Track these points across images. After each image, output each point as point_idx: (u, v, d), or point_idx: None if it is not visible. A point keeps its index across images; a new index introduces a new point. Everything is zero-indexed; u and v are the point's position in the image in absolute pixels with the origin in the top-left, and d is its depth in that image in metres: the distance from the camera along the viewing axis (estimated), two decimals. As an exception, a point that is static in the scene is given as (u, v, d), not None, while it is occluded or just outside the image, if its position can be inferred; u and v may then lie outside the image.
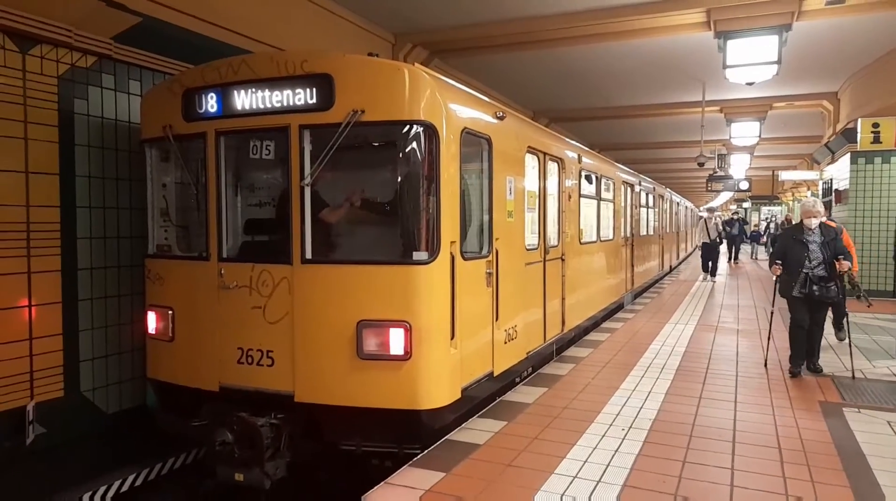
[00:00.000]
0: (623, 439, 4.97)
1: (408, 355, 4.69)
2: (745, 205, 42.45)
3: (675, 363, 7.55)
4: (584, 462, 4.51)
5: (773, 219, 35.02)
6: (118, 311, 6.46)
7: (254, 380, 5.05)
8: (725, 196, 37.40)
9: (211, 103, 5.21)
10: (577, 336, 9.01)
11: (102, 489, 5.64)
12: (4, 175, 5.44)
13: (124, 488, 5.81)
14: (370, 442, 4.84)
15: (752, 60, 10.04)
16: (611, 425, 5.30)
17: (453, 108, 5.06)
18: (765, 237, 30.59)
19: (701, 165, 18.07)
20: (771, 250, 8.05)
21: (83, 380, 6.14)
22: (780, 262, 7.00)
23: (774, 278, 7.24)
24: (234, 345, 5.12)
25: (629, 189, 13.03)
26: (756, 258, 27.25)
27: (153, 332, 5.63)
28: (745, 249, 29.26)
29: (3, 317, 5.44)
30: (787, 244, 7.02)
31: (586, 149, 10.49)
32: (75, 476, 5.65)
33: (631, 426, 5.26)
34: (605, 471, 4.34)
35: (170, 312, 5.48)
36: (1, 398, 5.42)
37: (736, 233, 23.87)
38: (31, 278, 5.67)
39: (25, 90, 5.58)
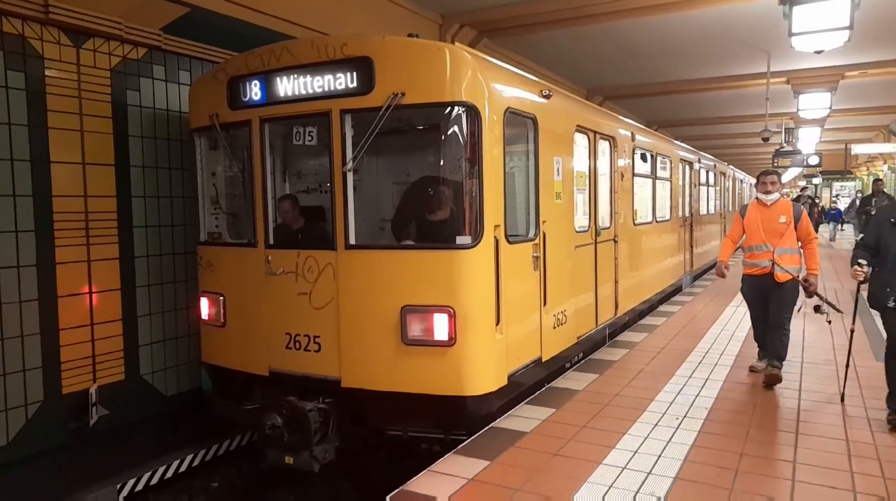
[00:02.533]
0: (677, 429, 4.78)
1: (452, 340, 4.62)
2: (816, 181, 40.27)
3: (736, 349, 7.22)
4: (635, 452, 4.35)
5: (860, 193, 30.64)
6: (174, 297, 6.65)
7: (302, 365, 5.10)
8: (794, 172, 35.57)
9: (254, 91, 5.23)
10: (632, 320, 8.75)
11: (162, 468, 5.86)
12: (63, 167, 5.64)
13: (182, 468, 6.03)
14: (416, 428, 4.83)
15: (820, 27, 9.33)
16: (664, 414, 5.11)
17: (496, 87, 4.91)
18: (846, 216, 27.46)
19: (766, 139, 17.17)
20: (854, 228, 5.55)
21: (142, 364, 6.35)
22: (863, 262, 4.86)
23: (858, 279, 4.97)
24: (282, 330, 5.18)
25: (688, 167, 12.52)
26: (833, 240, 24.91)
27: (206, 317, 5.77)
28: (822, 231, 26.93)
29: (66, 303, 5.68)
30: (880, 230, 4.92)
31: (641, 126, 10.10)
32: (137, 455, 5.89)
33: (685, 416, 5.05)
34: (656, 462, 4.18)
35: (221, 298, 5.59)
36: (66, 382, 5.67)
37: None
38: (91, 266, 5.89)
39: (80, 83, 5.75)
